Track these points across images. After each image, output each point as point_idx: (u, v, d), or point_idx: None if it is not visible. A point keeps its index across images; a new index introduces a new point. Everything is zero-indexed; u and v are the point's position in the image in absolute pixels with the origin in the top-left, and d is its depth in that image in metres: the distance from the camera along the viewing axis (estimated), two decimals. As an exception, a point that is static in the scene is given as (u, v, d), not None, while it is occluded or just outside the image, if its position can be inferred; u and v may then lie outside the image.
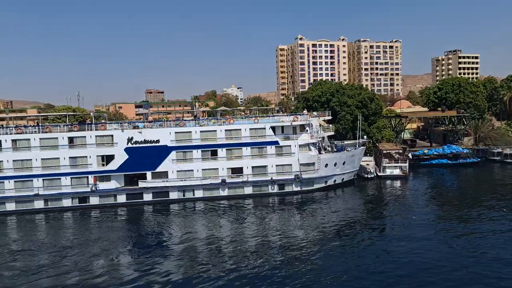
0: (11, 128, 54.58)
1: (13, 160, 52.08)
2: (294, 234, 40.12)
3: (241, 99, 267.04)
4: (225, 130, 55.49)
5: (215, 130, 55.37)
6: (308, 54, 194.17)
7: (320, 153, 57.73)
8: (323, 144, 61.16)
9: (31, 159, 52.37)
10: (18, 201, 52.26)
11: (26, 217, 50.47)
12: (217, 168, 55.09)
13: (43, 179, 52.51)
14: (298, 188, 56.93)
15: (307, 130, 57.31)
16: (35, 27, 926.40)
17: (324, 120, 62.51)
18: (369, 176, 64.98)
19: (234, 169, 55.42)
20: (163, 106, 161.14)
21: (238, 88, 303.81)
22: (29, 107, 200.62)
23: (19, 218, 50.27)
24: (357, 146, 63.03)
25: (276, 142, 56.02)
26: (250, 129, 55.73)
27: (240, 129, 55.74)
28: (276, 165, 55.87)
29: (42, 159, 52.53)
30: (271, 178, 55.74)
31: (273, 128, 56.32)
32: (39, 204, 52.74)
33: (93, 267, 33.66)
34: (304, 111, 62.75)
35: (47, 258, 36.26)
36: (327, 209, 49.86)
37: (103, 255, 36.45)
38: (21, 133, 53.38)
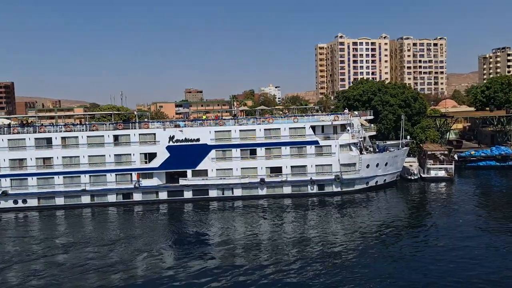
0: (60, 126, 57.09)
1: (63, 157, 54.42)
2: (333, 236, 39.52)
3: (278, 98, 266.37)
4: (265, 129, 55.46)
5: (254, 129, 55.47)
6: (349, 53, 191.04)
7: (361, 153, 56.56)
8: (365, 144, 59.90)
9: (79, 156, 54.56)
10: (67, 196, 54.59)
11: (74, 211, 52.66)
12: (256, 167, 55.17)
13: (90, 175, 54.56)
14: (338, 189, 56.05)
15: (348, 130, 56.29)
16: (79, 28, 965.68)
17: (366, 120, 61.11)
18: (412, 178, 63.01)
19: (273, 168, 55.30)
20: (202, 106, 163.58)
21: (276, 87, 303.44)
22: (76, 106, 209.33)
23: (67, 212, 52.52)
24: (400, 146, 61.24)
25: (316, 142, 55.39)
26: (290, 128, 55.41)
27: (279, 129, 55.53)
28: (316, 165, 55.23)
29: (89, 156, 54.58)
30: (311, 178, 55.18)
31: (313, 128, 55.71)
32: (86, 199, 54.85)
33: (135, 261, 34.59)
34: (345, 110, 61.69)
35: (93, 251, 37.64)
36: (368, 211, 48.77)
37: (146, 249, 37.36)
38: (70, 131, 55.72)
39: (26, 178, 53.87)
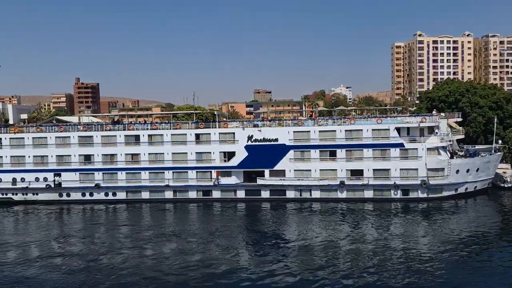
0: (147, 124, 60.06)
1: (149, 153, 57.15)
2: (417, 245, 37.13)
3: (349, 99, 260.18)
4: (345, 130, 53.92)
5: (335, 130, 54.16)
6: (428, 51, 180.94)
7: (450, 157, 52.92)
8: (452, 148, 56.01)
9: (163, 153, 56.96)
10: (152, 190, 57.17)
11: (158, 206, 54.99)
12: (336, 169, 53.82)
13: (173, 172, 56.70)
14: (425, 195, 52.86)
15: (436, 133, 52.91)
16: (156, 29, 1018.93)
17: (456, 122, 57.17)
18: (505, 186, 57.84)
19: (353, 171, 53.59)
20: (272, 106, 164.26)
21: (346, 88, 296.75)
22: (154, 106, 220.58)
23: (152, 206, 55.01)
24: (493, 151, 56.44)
25: (401, 145, 52.75)
26: (373, 129, 53.32)
27: (361, 130, 53.68)
28: (401, 169, 52.59)
29: (172, 153, 56.77)
30: (394, 182, 52.63)
31: (398, 129, 53.11)
32: (169, 194, 57.05)
33: (212, 257, 35.17)
34: (433, 112, 58.10)
35: (173, 244, 39.08)
36: (456, 220, 45.58)
37: (223, 246, 37.98)
38: (155, 129, 58.39)
39: (116, 172, 57.33)
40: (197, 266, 33.08)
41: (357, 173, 53.60)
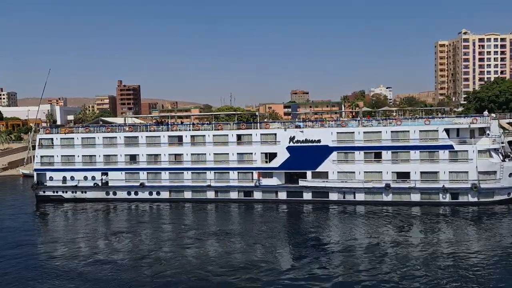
0: (189, 125, 60.89)
1: (191, 154, 57.89)
2: (467, 251, 35.32)
3: (389, 99, 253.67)
4: (391, 131, 52.40)
5: (380, 131, 52.75)
6: (474, 50, 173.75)
7: (503, 160, 50.29)
8: (504, 150, 53.23)
9: (205, 154, 57.51)
10: (194, 190, 57.84)
11: (200, 205, 55.56)
12: (381, 172, 52.40)
13: (214, 172, 57.15)
14: (475, 199, 50.50)
15: (488, 134, 50.45)
16: (194, 32, 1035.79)
17: (508, 123, 54.34)
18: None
19: (400, 173, 51.97)
20: (310, 107, 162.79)
21: (386, 88, 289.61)
22: (192, 107, 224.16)
23: (194, 206, 55.64)
24: (550, 154, 53.16)
25: (450, 146, 50.67)
26: (420, 131, 51.51)
27: (408, 131, 51.97)
28: (450, 172, 50.49)
29: (214, 154, 57.21)
30: (443, 185, 50.59)
31: (447, 131, 51.07)
32: (210, 194, 57.49)
33: (253, 258, 34.98)
34: (485, 112, 55.45)
35: (213, 244, 39.31)
36: (508, 225, 43.58)
37: (264, 247, 37.77)
38: (197, 130, 59.10)
39: (160, 172, 58.46)
40: (238, 267, 33.00)
41: (403, 175, 51.92)
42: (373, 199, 52.82)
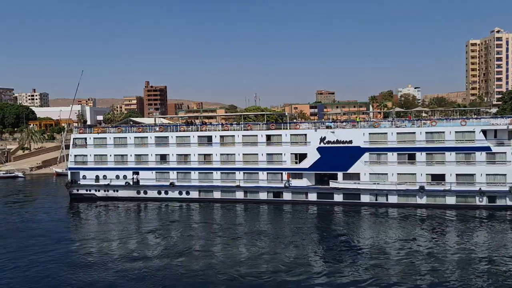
0: (219, 125, 61.05)
1: (220, 154, 58.04)
2: (504, 257, 33.90)
3: (418, 99, 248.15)
4: (426, 132, 51.09)
5: (414, 132, 51.50)
6: (507, 49, 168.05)
7: (545, 163, 48.23)
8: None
9: (234, 154, 57.53)
10: (223, 190, 57.97)
11: (229, 206, 55.61)
12: (415, 173, 51.17)
13: (243, 173, 57.11)
14: (514, 203, 48.69)
15: (528, 135, 48.51)
16: (220, 35, 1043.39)
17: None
18: None
19: (434, 175, 50.63)
20: (337, 107, 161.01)
21: (415, 88, 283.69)
22: (218, 108, 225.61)
23: (223, 206, 55.73)
24: None
25: (487, 148, 49.00)
26: (456, 132, 50.04)
27: (443, 132, 50.58)
28: (487, 174, 48.87)
29: (243, 154, 57.18)
30: (480, 188, 48.98)
31: (484, 132, 49.42)
32: (239, 195, 57.35)
33: (283, 259, 34.58)
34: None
35: (246, 244, 39.19)
36: (552, 231, 41.34)
37: (294, 249, 37.32)
38: (227, 130, 59.19)
39: (190, 172, 58.87)
40: (268, 269, 32.70)
41: (438, 177, 50.55)
42: (407, 202, 51.61)
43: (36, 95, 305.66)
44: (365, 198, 52.97)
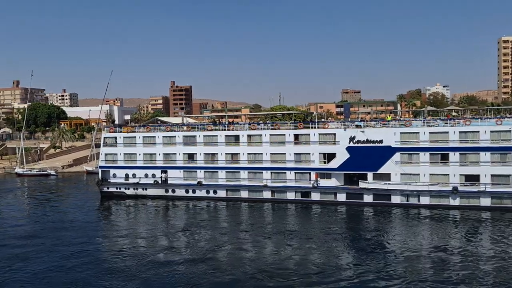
0: (246, 125, 60.99)
1: (248, 153, 57.98)
2: None
3: (447, 98, 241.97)
4: (459, 131, 49.57)
5: (447, 132, 50.05)
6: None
7: None
8: None
9: (261, 153, 57.35)
10: (251, 190, 57.89)
11: (256, 205, 55.46)
12: (448, 174, 49.74)
13: (271, 172, 56.84)
14: (554, 205, 46.64)
15: None
16: (242, 35, 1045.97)
17: None
18: None
19: (468, 176, 49.08)
20: (363, 106, 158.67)
21: (444, 87, 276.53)
22: (243, 107, 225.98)
23: (250, 205, 55.64)
24: None
25: None
26: (491, 131, 48.34)
27: (477, 131, 48.97)
28: None
29: (271, 153, 56.91)
30: None
31: (521, 131, 47.60)
32: (267, 194, 57.24)
33: (312, 260, 34.20)
34: None
35: (273, 245, 38.88)
36: None
37: (322, 250, 36.90)
38: (254, 129, 59.08)
39: (217, 171, 59.06)
40: (296, 270, 32.31)
41: (472, 178, 48.98)
42: (439, 203, 50.24)
43: (66, 95, 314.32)
44: (396, 199, 51.84)
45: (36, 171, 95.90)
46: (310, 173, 55.38)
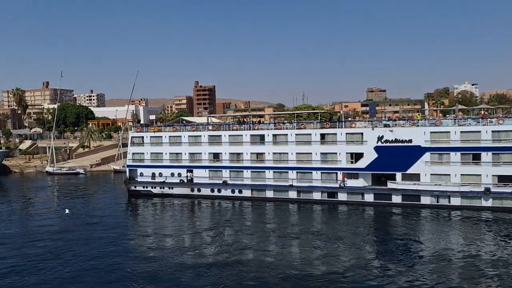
0: (272, 124, 60.77)
1: (273, 153, 57.74)
2: None
3: (476, 96, 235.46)
4: (492, 131, 48.00)
5: (479, 131, 48.54)
6: None
7: None
8: None
9: (287, 153, 57.01)
10: (276, 190, 57.62)
11: (282, 205, 55.16)
12: (480, 175, 48.24)
13: (297, 172, 56.44)
14: None
15: None
16: (264, 35, 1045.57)
17: None
18: None
19: (501, 176, 47.46)
20: (390, 105, 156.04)
21: (472, 85, 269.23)
22: (266, 106, 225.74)
23: (276, 205, 55.36)
24: None
25: None
26: (527, 131, 46.64)
27: (511, 131, 47.27)
28: None
29: (296, 153, 56.50)
30: None
31: (556, 130, 45.68)
32: (292, 194, 56.86)
33: (338, 262, 33.61)
34: None
35: (298, 245, 38.59)
36: None
37: (349, 252, 36.30)
38: (279, 129, 58.81)
39: (242, 170, 59.08)
40: (322, 271, 31.88)
41: (506, 179, 47.33)
42: (471, 204, 48.76)
43: (93, 96, 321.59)
44: (425, 200, 50.63)
45: (66, 170, 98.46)
46: (336, 173, 54.71)
